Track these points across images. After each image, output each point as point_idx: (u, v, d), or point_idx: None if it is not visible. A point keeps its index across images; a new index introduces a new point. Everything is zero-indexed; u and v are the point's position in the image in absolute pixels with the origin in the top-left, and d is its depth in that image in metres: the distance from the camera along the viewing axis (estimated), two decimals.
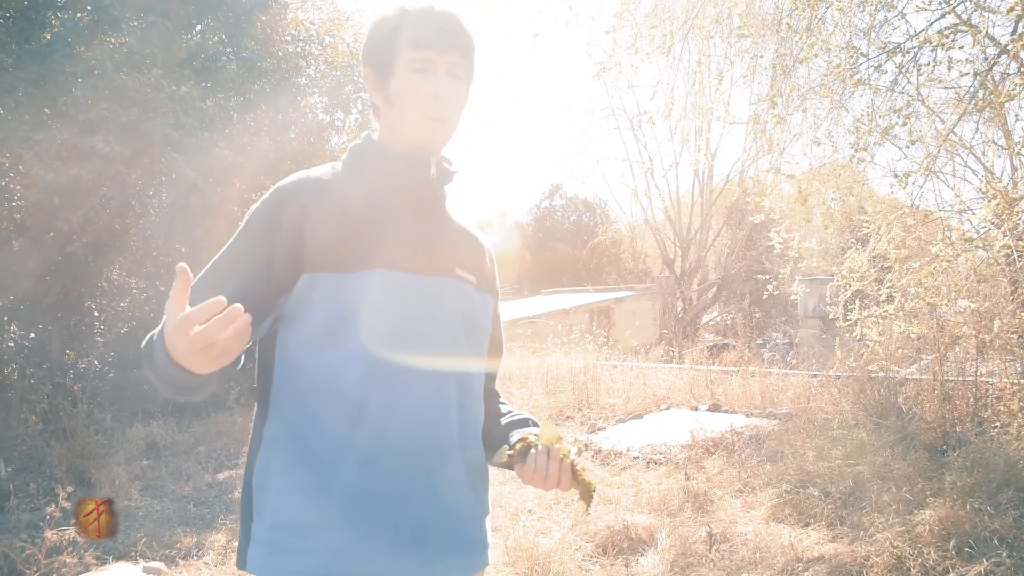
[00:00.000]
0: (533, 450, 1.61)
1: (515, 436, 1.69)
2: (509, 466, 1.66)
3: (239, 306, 1.24)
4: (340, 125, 12.14)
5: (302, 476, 1.57)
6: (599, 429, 8.35)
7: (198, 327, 1.23)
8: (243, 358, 1.53)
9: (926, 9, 6.97)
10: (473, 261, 1.79)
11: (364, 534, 1.55)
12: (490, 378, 1.90)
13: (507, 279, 39.70)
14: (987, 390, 6.83)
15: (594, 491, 1.60)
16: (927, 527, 4.67)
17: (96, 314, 10.68)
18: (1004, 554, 4.26)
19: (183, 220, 9.18)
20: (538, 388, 10.14)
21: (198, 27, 10.52)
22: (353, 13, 13.06)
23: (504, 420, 1.83)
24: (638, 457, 7.05)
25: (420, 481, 1.61)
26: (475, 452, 1.75)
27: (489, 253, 1.88)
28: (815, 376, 8.79)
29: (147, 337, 1.44)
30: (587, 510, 1.67)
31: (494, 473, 6.00)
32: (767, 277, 10.76)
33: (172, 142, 8.78)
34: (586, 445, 7.53)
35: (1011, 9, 5.45)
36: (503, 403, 1.92)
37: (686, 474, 6.13)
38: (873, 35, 7.41)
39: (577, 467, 1.59)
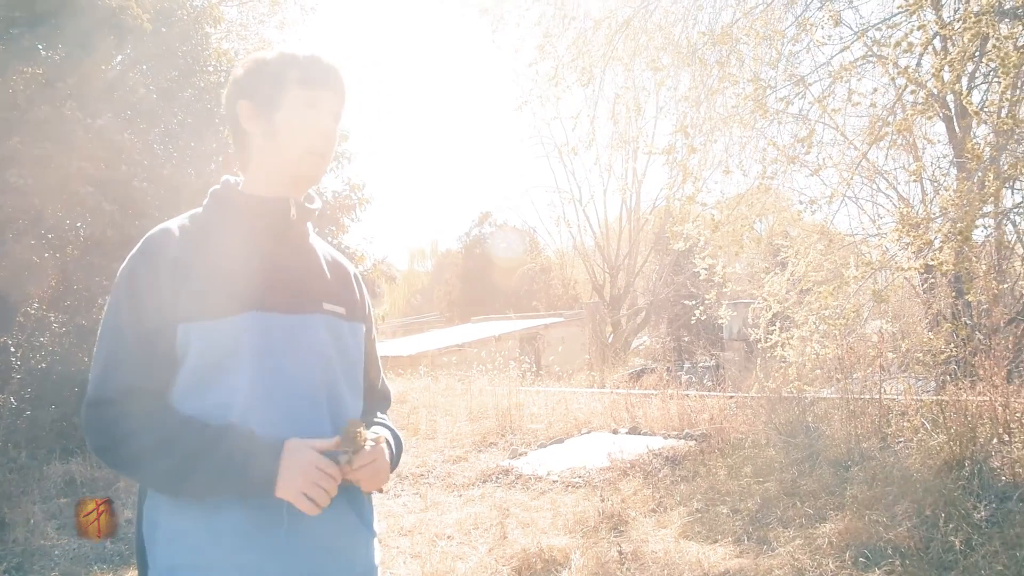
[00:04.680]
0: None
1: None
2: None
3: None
4: None
5: (188, 519, 1.62)
6: (521, 454, 8.43)
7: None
8: None
9: (828, 44, 7.26)
10: (340, 292, 1.87)
11: (254, 569, 1.61)
12: (369, 400, 1.97)
13: (438, 307, 39.70)
14: (891, 407, 7.08)
15: (360, 441, 1.66)
16: (827, 539, 4.87)
17: (12, 349, 10.42)
18: (897, 562, 4.46)
19: (102, 254, 9.07)
20: (462, 415, 10.19)
21: (118, 58, 10.43)
22: (278, 43, 13.08)
23: None
24: (557, 481, 7.15)
25: (304, 516, 1.67)
26: None
27: (357, 279, 1.96)
28: (731, 397, 8.99)
29: (224, 441, 1.58)
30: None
31: (415, 502, 6.05)
32: (694, 303, 10.97)
33: (88, 176, 8.68)
34: (506, 471, 7.62)
35: (897, 43, 5.73)
36: (377, 420, 1.99)
37: (602, 496, 6.24)
38: (781, 67, 7.70)
39: (351, 462, 1.65)
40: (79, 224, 9.87)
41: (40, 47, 8.74)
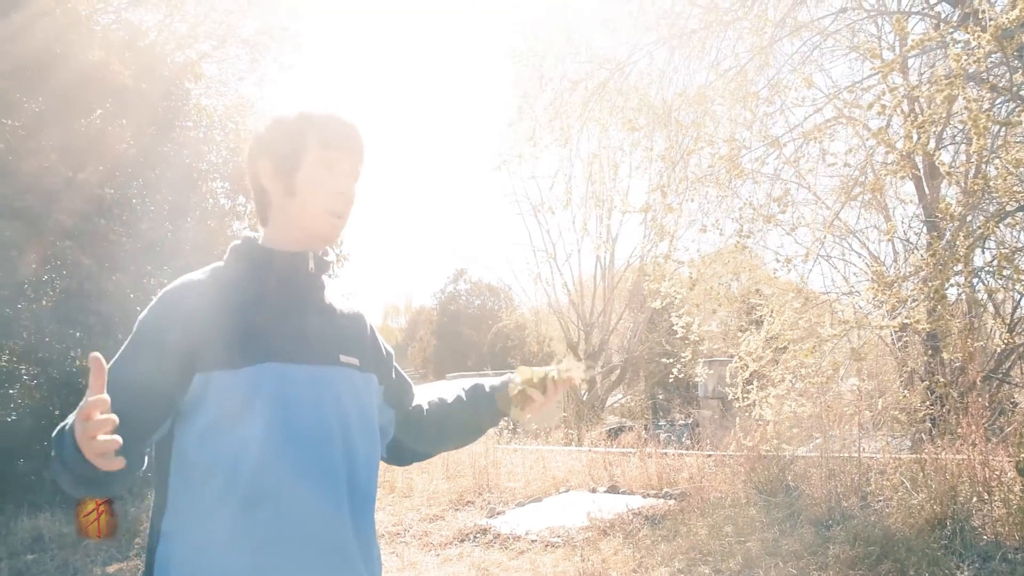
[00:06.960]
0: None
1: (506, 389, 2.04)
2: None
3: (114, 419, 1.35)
4: (242, 211, 12.09)
5: (200, 566, 1.61)
6: (499, 513, 8.33)
7: (99, 415, 1.34)
8: (147, 460, 1.66)
9: (800, 106, 7.39)
10: (355, 343, 1.90)
11: None
12: (405, 407, 2.10)
13: (413, 363, 39.47)
14: (870, 465, 7.08)
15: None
16: None
17: None
18: None
19: (77, 307, 8.99)
20: (439, 473, 10.08)
21: (98, 111, 10.44)
22: (257, 100, 13.21)
23: (460, 400, 2.14)
24: (536, 540, 7.06)
25: (315, 565, 1.66)
26: (367, 532, 1.81)
27: (369, 324, 2.01)
28: (710, 456, 8.96)
29: (60, 425, 1.52)
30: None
31: (392, 561, 5.97)
32: (671, 360, 10.98)
33: (67, 229, 8.63)
34: (484, 530, 7.52)
35: (870, 105, 5.85)
36: (433, 400, 2.16)
37: (582, 556, 6.17)
38: (755, 128, 7.82)
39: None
40: (55, 277, 9.78)
41: (23, 99, 8.73)
